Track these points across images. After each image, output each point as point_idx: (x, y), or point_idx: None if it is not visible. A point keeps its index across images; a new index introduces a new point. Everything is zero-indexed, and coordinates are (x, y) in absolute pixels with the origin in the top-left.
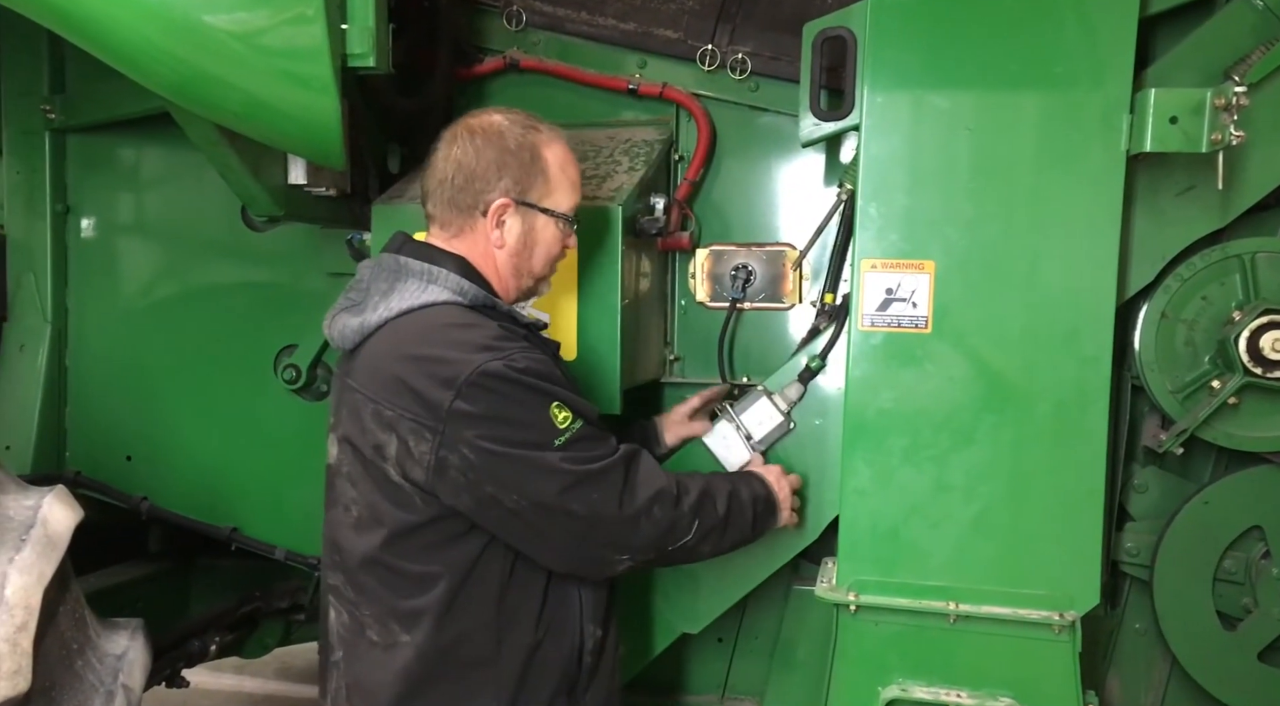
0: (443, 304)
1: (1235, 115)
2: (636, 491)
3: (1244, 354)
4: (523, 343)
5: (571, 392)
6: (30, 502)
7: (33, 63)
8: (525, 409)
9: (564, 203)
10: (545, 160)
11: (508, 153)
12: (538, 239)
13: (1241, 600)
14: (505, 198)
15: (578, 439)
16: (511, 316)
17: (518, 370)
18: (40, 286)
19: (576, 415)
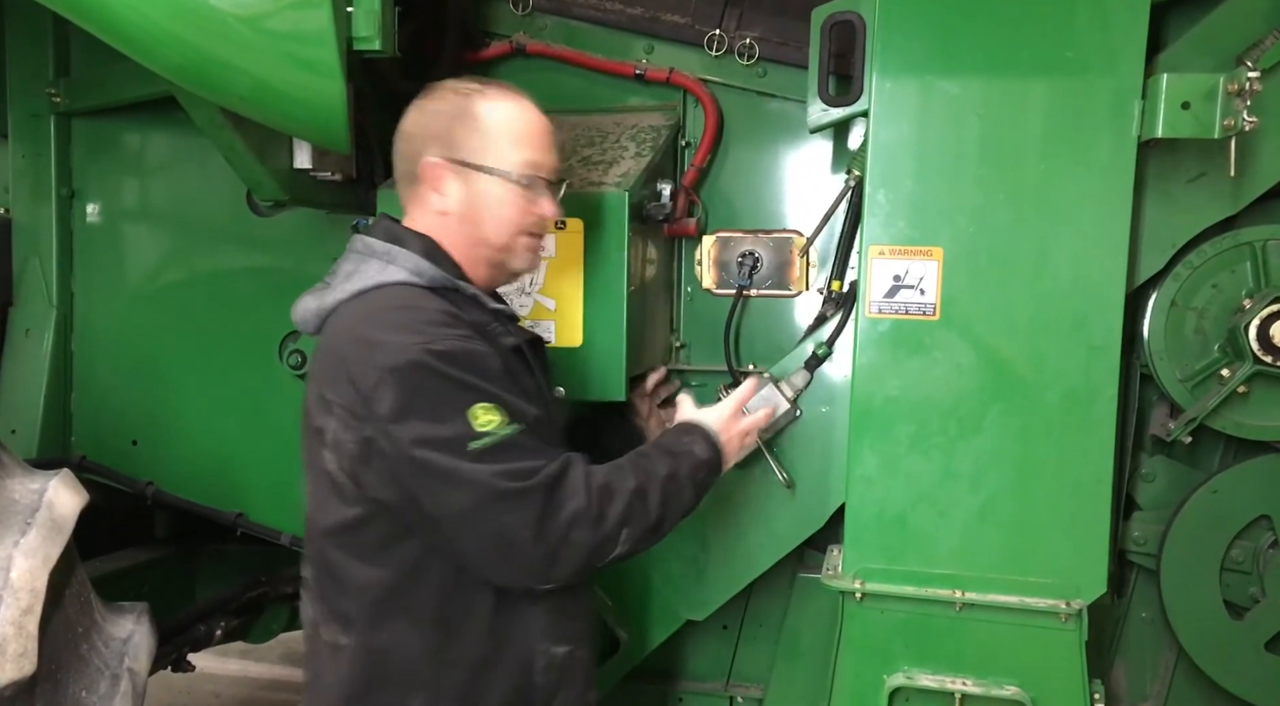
0: (396, 284)
1: (1248, 101)
2: (558, 516)
3: (1254, 342)
4: (465, 329)
5: (511, 391)
6: (36, 486)
7: (38, 46)
8: (438, 403)
9: (507, 160)
10: (478, 115)
11: (439, 113)
12: (482, 202)
13: (1249, 589)
14: (435, 158)
15: (501, 446)
16: (478, 301)
17: (437, 355)
18: (46, 271)
19: (511, 419)
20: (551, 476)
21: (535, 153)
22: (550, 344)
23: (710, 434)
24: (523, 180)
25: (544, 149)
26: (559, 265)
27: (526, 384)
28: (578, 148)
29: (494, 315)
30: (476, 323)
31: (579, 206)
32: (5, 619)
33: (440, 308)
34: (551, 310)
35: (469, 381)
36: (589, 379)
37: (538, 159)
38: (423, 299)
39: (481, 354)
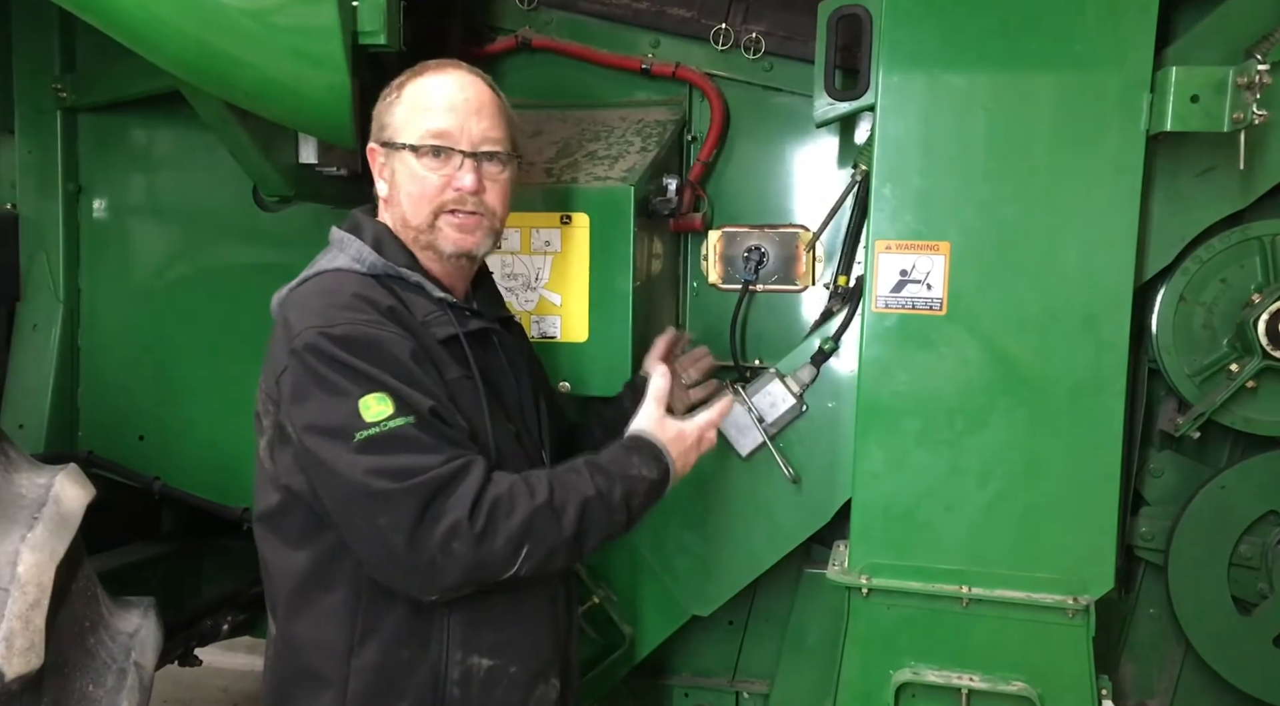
0: (333, 271)
1: (1258, 94)
2: (435, 525)
3: (1263, 337)
4: (373, 315)
5: (419, 383)
6: (43, 481)
7: (44, 42)
8: (327, 389)
9: (412, 130)
10: (401, 93)
11: (381, 100)
12: (398, 180)
13: (1257, 585)
14: (372, 142)
15: (389, 439)
16: (422, 289)
17: (333, 339)
18: (53, 266)
19: (402, 411)
20: (437, 480)
21: (443, 119)
22: (555, 339)
23: (660, 451)
24: (428, 149)
25: (457, 115)
26: (565, 260)
27: (453, 376)
28: (583, 142)
29: (439, 304)
30: (395, 309)
31: (585, 201)
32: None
33: (358, 292)
34: (557, 305)
35: (362, 368)
36: (594, 374)
37: (445, 126)
38: (349, 284)
39: (384, 340)
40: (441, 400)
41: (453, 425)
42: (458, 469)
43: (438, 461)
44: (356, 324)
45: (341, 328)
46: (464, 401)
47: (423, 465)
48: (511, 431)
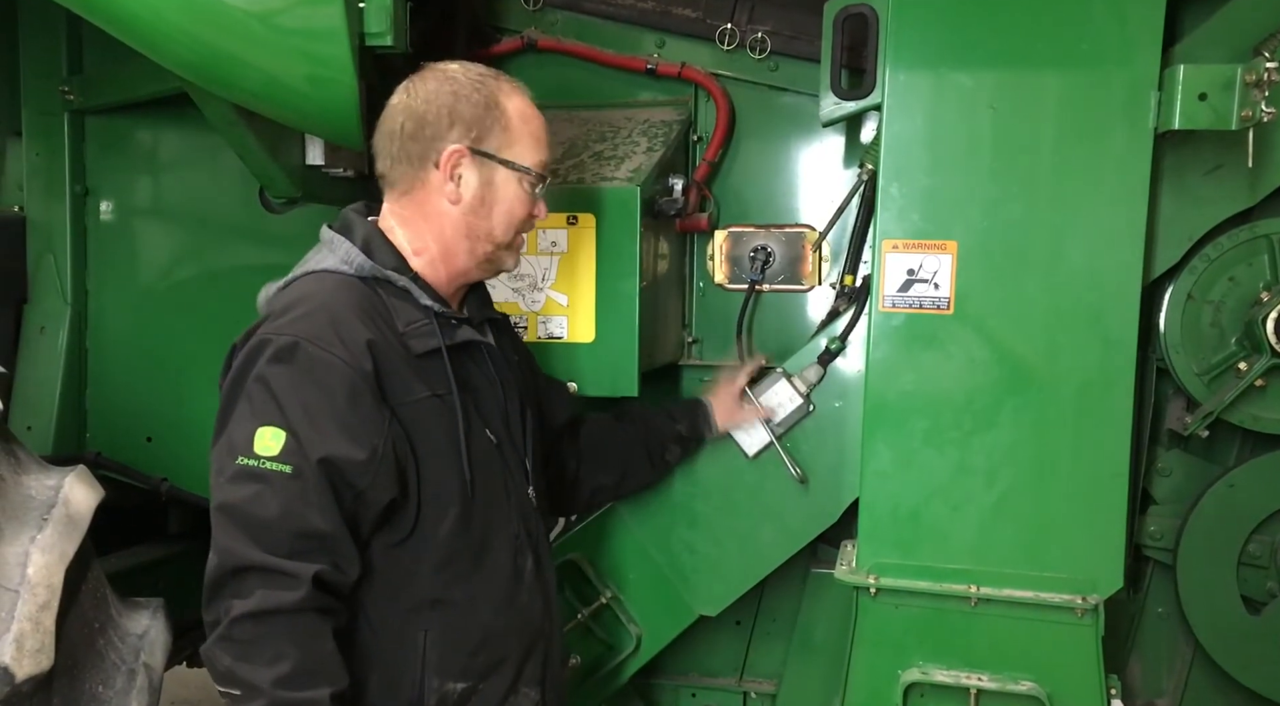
0: (321, 272)
1: (1266, 91)
2: (224, 595)
3: (1271, 335)
4: (332, 333)
5: (349, 419)
6: (52, 482)
7: (51, 44)
8: (242, 402)
9: (528, 156)
10: (504, 107)
11: (461, 98)
12: (498, 196)
13: (1266, 584)
14: (459, 144)
15: (259, 477)
16: (410, 295)
17: (275, 350)
18: (60, 268)
19: (287, 456)
20: (251, 562)
21: (548, 152)
22: (562, 339)
23: None
24: (538, 180)
25: (549, 149)
26: (571, 260)
27: (419, 396)
28: (589, 143)
29: (425, 312)
30: (371, 319)
31: (591, 202)
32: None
33: (333, 304)
34: (564, 306)
35: (278, 394)
36: (600, 375)
37: (547, 159)
38: (328, 289)
39: (323, 366)
40: (369, 442)
41: (346, 483)
42: (276, 570)
43: (277, 540)
44: (306, 340)
45: (287, 338)
46: (430, 422)
47: (261, 535)
48: (492, 442)
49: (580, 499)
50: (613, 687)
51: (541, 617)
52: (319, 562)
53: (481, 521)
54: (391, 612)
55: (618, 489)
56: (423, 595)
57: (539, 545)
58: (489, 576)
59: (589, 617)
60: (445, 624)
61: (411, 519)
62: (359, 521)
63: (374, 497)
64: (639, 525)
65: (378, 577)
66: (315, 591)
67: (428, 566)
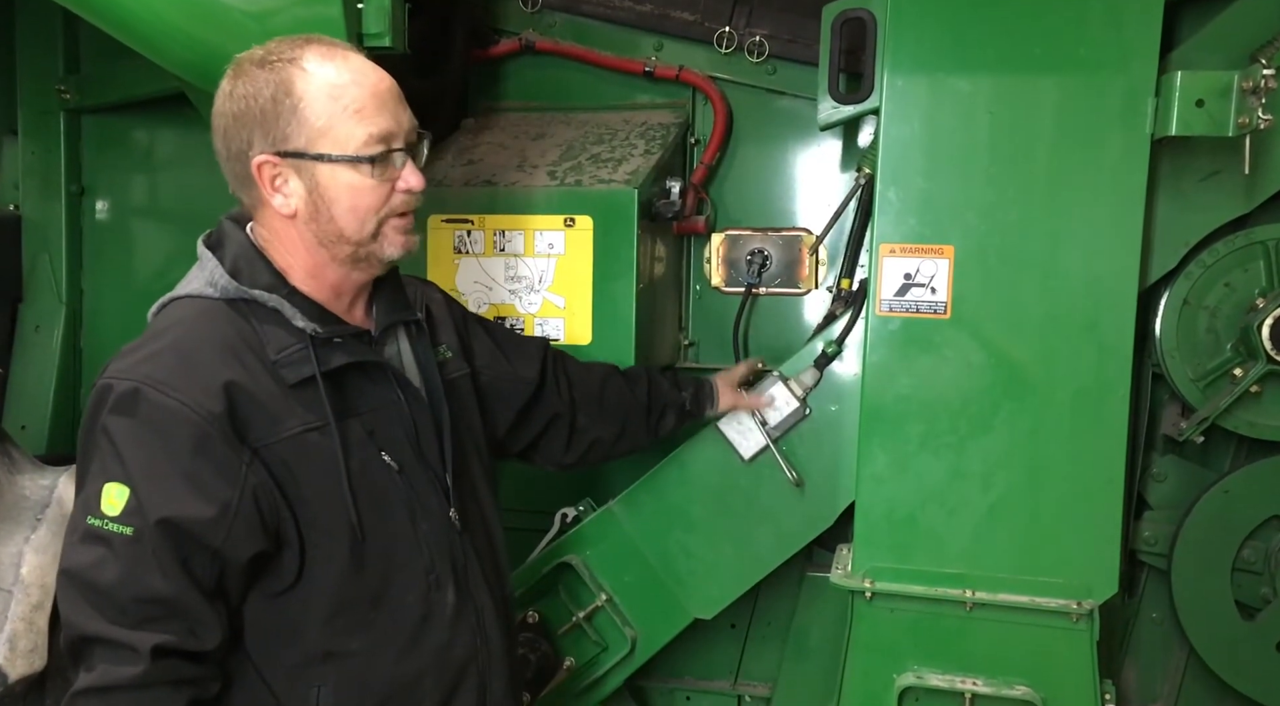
0: (186, 298)
1: (1263, 98)
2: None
3: (1267, 341)
4: (179, 376)
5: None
6: (46, 482)
7: (48, 43)
8: (91, 456)
9: (347, 139)
10: (299, 92)
11: (250, 97)
12: (329, 195)
13: (1260, 590)
14: (263, 154)
15: (104, 540)
16: (279, 316)
17: (117, 398)
18: (55, 267)
19: (129, 517)
20: (103, 636)
21: (382, 120)
22: (559, 342)
23: None
24: (373, 160)
25: (390, 113)
26: (568, 263)
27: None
28: (587, 145)
29: (299, 336)
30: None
31: (588, 204)
32: (16, 615)
33: (187, 336)
34: (560, 308)
35: (121, 447)
36: None
37: (387, 128)
38: (188, 320)
39: (167, 415)
40: (219, 497)
41: (195, 543)
42: (115, 642)
43: (118, 608)
44: (147, 384)
45: (128, 385)
46: (306, 458)
47: (102, 603)
48: (392, 469)
49: (577, 449)
50: (607, 690)
51: (470, 649)
52: (164, 631)
53: (379, 560)
54: (279, 669)
55: (614, 446)
56: (313, 648)
57: (465, 572)
58: (391, 620)
59: (584, 620)
60: (341, 677)
61: (295, 566)
62: (223, 580)
63: (232, 554)
64: (634, 528)
65: (262, 631)
66: (159, 662)
67: (317, 616)
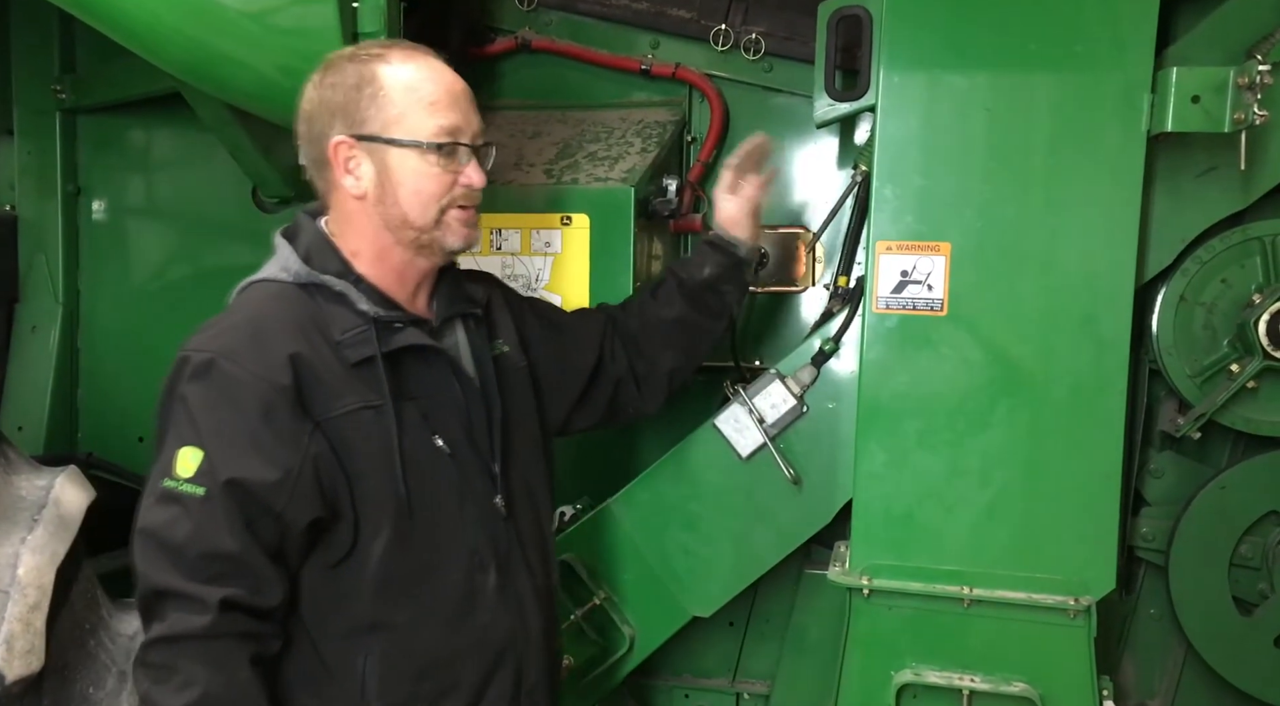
0: (261, 281)
1: (1259, 94)
2: (148, 618)
3: (1264, 337)
4: (251, 349)
5: (240, 439)
6: (43, 483)
7: (44, 43)
8: (169, 424)
9: (419, 127)
10: (380, 81)
11: (336, 86)
12: (396, 179)
13: (1258, 585)
14: (341, 136)
15: (177, 499)
16: (345, 300)
17: (193, 368)
18: (52, 268)
19: (201, 477)
20: (170, 588)
21: (450, 116)
22: None
23: None
24: (440, 148)
25: (460, 111)
26: (565, 260)
27: (348, 407)
28: (583, 143)
29: (362, 318)
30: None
31: (585, 202)
32: (13, 616)
33: (259, 313)
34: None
35: (195, 413)
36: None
37: (454, 122)
38: (262, 300)
39: (236, 382)
40: (283, 462)
41: (259, 505)
42: (186, 594)
43: (188, 563)
44: (221, 355)
45: (204, 356)
46: (362, 435)
47: (174, 558)
48: (444, 452)
49: (656, 392)
50: (606, 689)
51: (510, 635)
52: (230, 586)
53: (425, 538)
54: (330, 637)
55: (691, 362)
56: (361, 618)
57: (508, 557)
58: (435, 596)
59: (582, 618)
60: (386, 648)
61: (349, 539)
62: (284, 543)
63: (293, 518)
64: (632, 526)
65: (316, 600)
66: (225, 615)
67: (366, 587)
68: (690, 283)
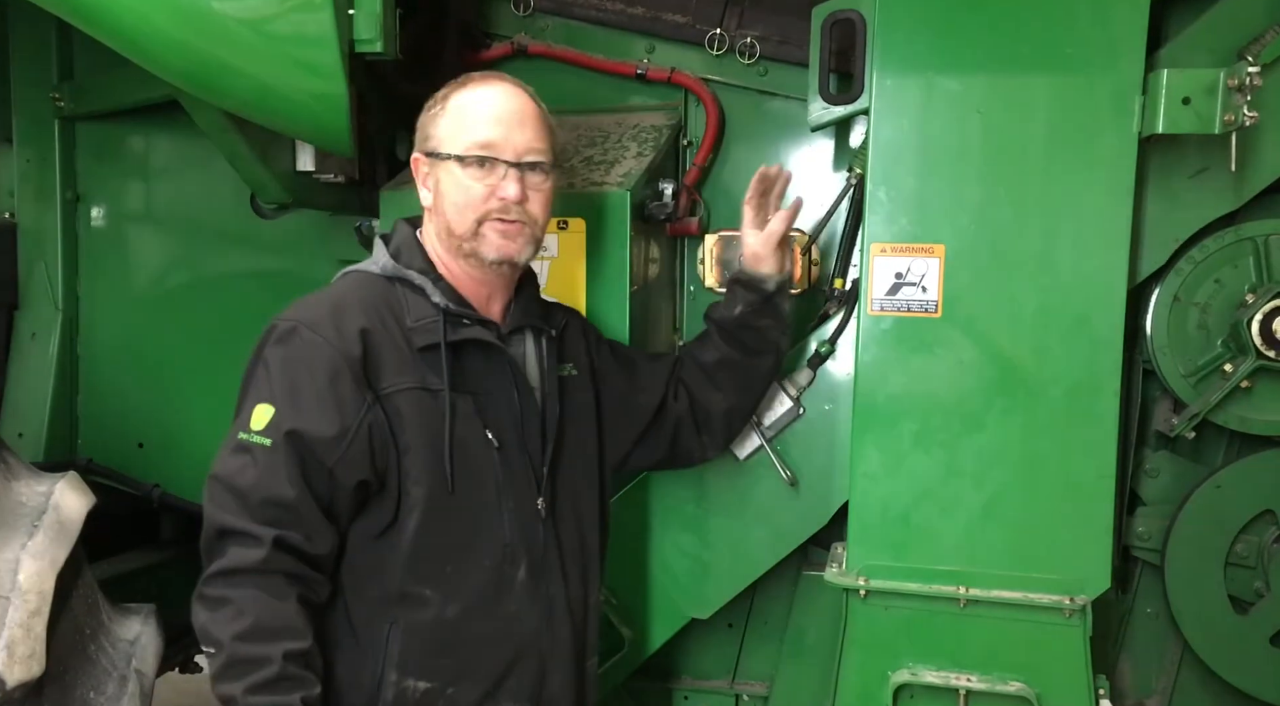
0: (354, 271)
1: (1249, 96)
2: (212, 555)
3: (1257, 337)
4: (330, 320)
5: (327, 398)
6: (43, 489)
7: (42, 51)
8: (252, 382)
9: (456, 141)
10: (447, 103)
11: (425, 111)
12: (443, 189)
13: (1253, 584)
14: (417, 153)
15: (248, 450)
16: (424, 292)
17: (277, 334)
18: (51, 275)
19: (270, 430)
20: (236, 527)
21: (489, 131)
22: None
23: None
24: (473, 160)
25: (502, 127)
26: (561, 265)
27: (405, 385)
28: (579, 148)
29: (435, 309)
30: (390, 311)
31: (581, 206)
32: (13, 621)
33: (343, 296)
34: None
35: (274, 371)
36: None
37: (490, 137)
38: (351, 284)
39: (309, 345)
40: (341, 421)
41: (314, 459)
42: (244, 532)
43: (250, 506)
44: (303, 324)
45: (288, 323)
46: (416, 413)
47: (238, 501)
48: (492, 445)
49: (717, 431)
50: (605, 691)
51: (534, 632)
52: (285, 529)
53: (461, 520)
54: (362, 602)
55: (745, 398)
56: (393, 588)
57: (541, 557)
58: (464, 578)
59: None
60: (412, 620)
61: (392, 510)
62: (334, 500)
63: (343, 475)
64: (630, 528)
65: (355, 567)
66: (278, 553)
67: (400, 558)
68: (726, 323)
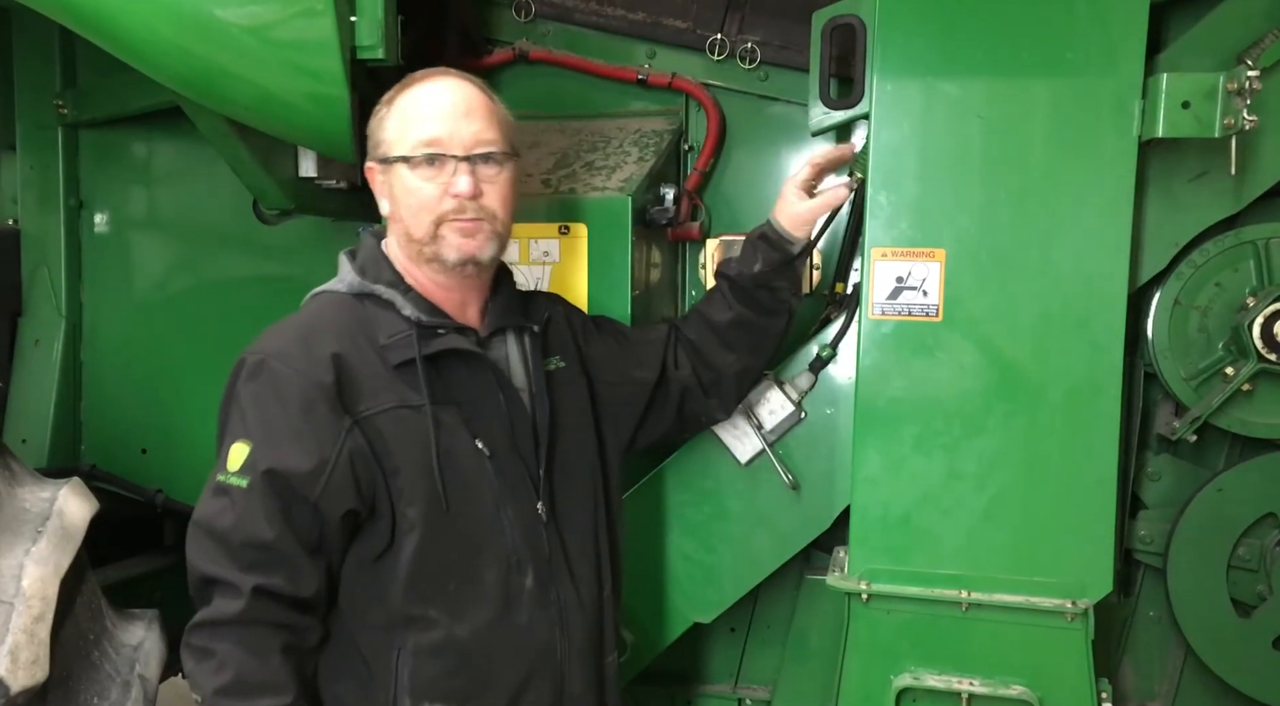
0: (320, 293)
1: (1248, 99)
2: (199, 602)
3: (1258, 340)
4: (299, 349)
5: (302, 429)
6: (46, 495)
7: (45, 58)
8: (228, 421)
9: (402, 142)
10: (394, 105)
11: (373, 117)
12: (398, 193)
13: (1256, 587)
14: (370, 162)
15: (226, 492)
16: (393, 306)
17: (247, 369)
18: (54, 281)
19: (246, 470)
20: (218, 577)
21: (434, 126)
22: None
23: None
24: (421, 159)
25: (447, 121)
26: (563, 270)
27: (385, 406)
28: (581, 153)
29: (408, 323)
30: (363, 332)
31: (583, 211)
32: (17, 627)
33: (311, 318)
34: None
35: (246, 409)
36: None
37: (436, 133)
38: (318, 308)
39: (280, 379)
40: (318, 453)
41: (295, 495)
42: (224, 581)
43: (229, 551)
44: (270, 356)
45: (257, 357)
46: (400, 432)
47: (218, 547)
48: (483, 455)
49: (729, 393)
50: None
51: (548, 639)
52: (265, 574)
53: (459, 536)
54: (368, 629)
55: (757, 358)
56: (396, 612)
57: (549, 562)
58: (469, 594)
59: None
60: (420, 642)
61: (386, 534)
62: (322, 536)
63: (327, 508)
64: (632, 532)
65: (355, 593)
66: (259, 602)
67: (400, 581)
68: (741, 280)
